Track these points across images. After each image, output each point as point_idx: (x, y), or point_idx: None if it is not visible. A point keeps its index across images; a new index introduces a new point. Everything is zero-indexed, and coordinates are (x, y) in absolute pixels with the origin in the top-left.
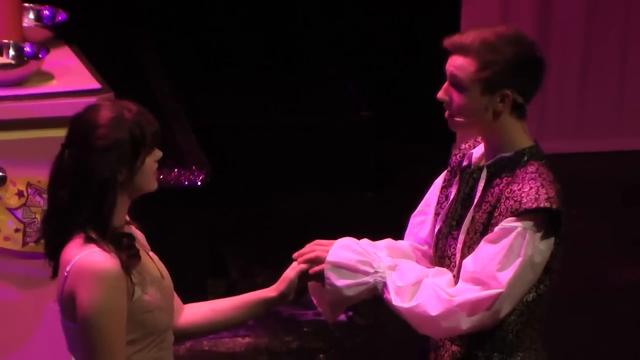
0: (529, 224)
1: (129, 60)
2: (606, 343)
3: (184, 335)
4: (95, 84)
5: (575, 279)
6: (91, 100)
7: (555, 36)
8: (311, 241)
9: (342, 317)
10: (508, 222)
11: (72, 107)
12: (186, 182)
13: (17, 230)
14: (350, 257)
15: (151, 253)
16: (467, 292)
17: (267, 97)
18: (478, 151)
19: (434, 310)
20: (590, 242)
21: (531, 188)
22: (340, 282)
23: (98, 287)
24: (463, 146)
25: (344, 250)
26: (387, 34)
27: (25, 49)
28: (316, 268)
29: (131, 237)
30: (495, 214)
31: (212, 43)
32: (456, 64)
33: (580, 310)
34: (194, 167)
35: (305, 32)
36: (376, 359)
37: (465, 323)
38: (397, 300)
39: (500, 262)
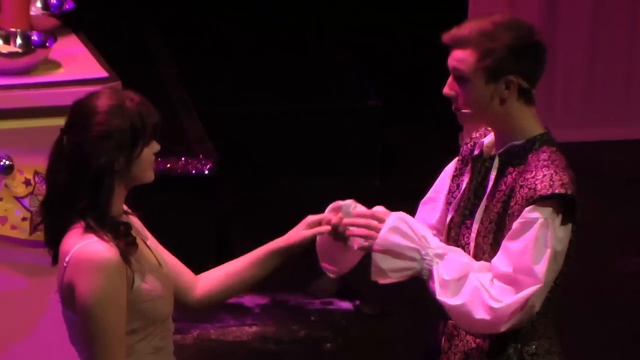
0: (547, 211)
1: (136, 48)
2: (613, 332)
3: (204, 306)
4: (102, 73)
5: (582, 267)
6: (98, 88)
7: (562, 25)
8: None
9: (349, 306)
10: (527, 213)
11: (79, 95)
12: (193, 171)
13: (24, 219)
14: (399, 243)
15: (149, 242)
16: (508, 296)
17: (276, 84)
18: (488, 139)
19: (478, 314)
20: (597, 230)
21: (545, 175)
22: (385, 265)
23: (97, 277)
24: (474, 135)
25: (393, 235)
26: (398, 23)
27: (32, 37)
28: (364, 244)
29: (128, 225)
30: (511, 204)
31: (220, 29)
32: (457, 57)
33: (586, 298)
34: (201, 156)
35: (315, 19)
36: (383, 347)
37: (505, 326)
38: (442, 294)
39: (532, 256)
